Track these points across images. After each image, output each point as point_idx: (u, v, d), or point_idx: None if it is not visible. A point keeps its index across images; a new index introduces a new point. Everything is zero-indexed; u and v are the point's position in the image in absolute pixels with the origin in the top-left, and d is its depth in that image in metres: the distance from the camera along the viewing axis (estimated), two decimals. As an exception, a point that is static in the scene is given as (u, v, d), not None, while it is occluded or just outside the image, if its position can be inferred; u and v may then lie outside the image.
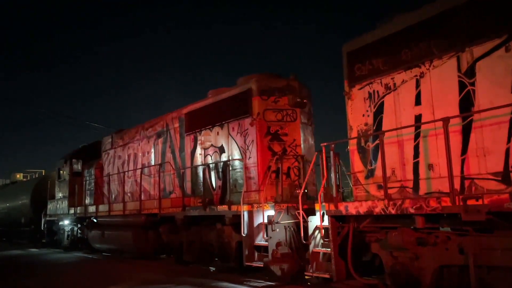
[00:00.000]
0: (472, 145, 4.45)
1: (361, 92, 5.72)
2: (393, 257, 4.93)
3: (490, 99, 4.32)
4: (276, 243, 6.73)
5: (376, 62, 5.53)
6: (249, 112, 7.78)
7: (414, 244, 4.65)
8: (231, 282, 7.03)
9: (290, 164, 7.63)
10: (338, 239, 5.65)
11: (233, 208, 7.37)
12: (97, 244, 12.12)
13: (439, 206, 4.27)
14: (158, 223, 9.51)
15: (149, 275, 8.02)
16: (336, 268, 5.48)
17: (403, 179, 5.10)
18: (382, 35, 5.47)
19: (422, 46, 4.96)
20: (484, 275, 4.13)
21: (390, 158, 5.23)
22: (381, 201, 4.88)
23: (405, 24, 5.18)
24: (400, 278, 4.86)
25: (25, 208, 17.70)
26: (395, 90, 5.29)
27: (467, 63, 4.55)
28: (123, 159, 11.83)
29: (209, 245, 8.20)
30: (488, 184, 4.27)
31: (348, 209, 5.30)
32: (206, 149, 8.85)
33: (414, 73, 5.07)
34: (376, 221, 5.25)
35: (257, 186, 7.51)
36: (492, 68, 4.34)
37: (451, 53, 4.70)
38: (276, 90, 7.80)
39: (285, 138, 7.73)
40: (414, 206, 4.51)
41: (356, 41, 5.83)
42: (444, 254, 4.44)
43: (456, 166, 4.53)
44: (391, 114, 5.32)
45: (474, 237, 4.19)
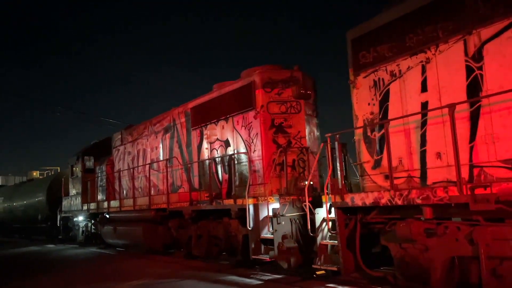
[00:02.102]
0: (481, 131, 4.27)
1: (366, 80, 5.56)
2: (402, 248, 4.81)
3: (499, 83, 4.13)
4: (281, 236, 6.67)
5: (381, 48, 5.36)
6: (253, 105, 7.70)
7: (422, 235, 4.52)
8: (238, 275, 7.04)
9: (295, 156, 7.53)
10: (346, 231, 5.56)
11: (239, 201, 7.33)
12: (109, 239, 12.31)
13: (447, 196, 4.12)
14: (167, 217, 9.57)
15: (158, 270, 8.09)
16: (344, 261, 5.40)
17: (410, 168, 4.96)
18: (387, 20, 5.29)
19: (428, 30, 4.77)
20: (496, 265, 3.99)
21: (397, 147, 5.08)
22: (387, 191, 4.75)
23: (410, 8, 4.99)
24: (409, 270, 4.74)
25: (41, 205, 18.12)
26: (400, 77, 5.12)
27: (475, 46, 4.35)
28: (133, 155, 11.93)
29: (217, 239, 8.21)
30: (497, 172, 4.10)
31: (354, 200, 5.19)
32: (212, 143, 8.82)
33: (420, 59, 4.89)
34: (384, 212, 5.13)
35: (262, 179, 7.45)
36: (502, 50, 4.13)
37: (457, 37, 4.50)
38: (279, 82, 7.68)
39: (290, 130, 7.62)
40: (421, 196, 4.37)
41: (361, 27, 5.66)
42: (454, 245, 4.30)
43: (464, 154, 4.37)
44: (397, 102, 5.16)
45: (485, 227, 4.04)
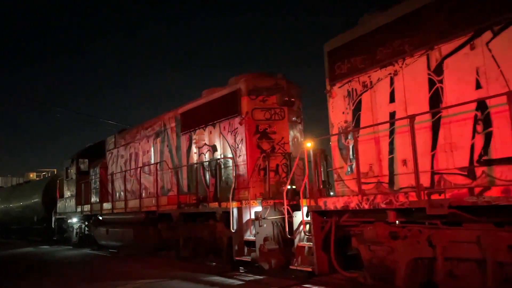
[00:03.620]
0: (441, 141, 4.55)
1: (341, 90, 5.85)
2: (371, 251, 5.07)
3: (456, 96, 4.42)
4: (263, 238, 6.94)
5: (354, 60, 5.65)
6: (238, 111, 7.99)
7: (388, 238, 4.80)
8: (222, 276, 7.30)
9: (279, 162, 7.82)
10: (321, 233, 5.82)
11: (223, 205, 7.61)
12: (102, 241, 12.57)
13: (407, 201, 4.40)
14: (157, 220, 9.84)
15: (147, 271, 8.35)
16: (318, 262, 5.66)
17: (380, 174, 5.23)
18: (360, 34, 5.59)
19: (395, 44, 5.07)
20: (452, 267, 4.26)
21: (368, 154, 5.36)
22: (355, 196, 5.03)
23: (380, 23, 5.28)
24: (377, 271, 5.01)
25: (38, 206, 18.37)
26: (371, 88, 5.41)
27: (436, 61, 4.65)
28: (125, 158, 12.20)
29: (204, 241, 8.47)
30: (455, 178, 4.38)
31: (327, 204, 5.47)
32: (201, 148, 9.10)
33: (389, 71, 5.18)
34: (357, 215, 5.40)
35: (247, 183, 7.73)
36: (459, 66, 4.42)
37: (421, 51, 4.79)
38: (264, 89, 7.97)
39: (274, 136, 7.91)
40: (385, 201, 4.64)
41: (336, 39, 5.95)
42: (416, 247, 4.57)
43: (426, 161, 4.65)
44: (368, 111, 5.45)
45: (443, 230, 4.31)
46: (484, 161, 4.14)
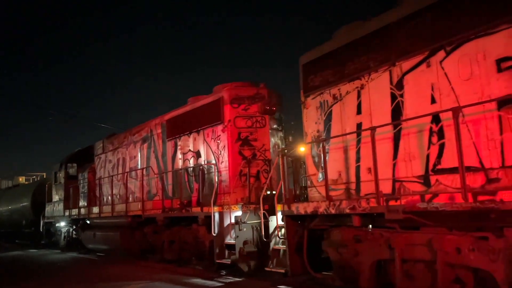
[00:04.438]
0: (401, 150, 4.91)
1: (314, 101, 6.20)
2: (338, 253, 5.40)
3: (415, 110, 4.78)
4: (243, 242, 7.23)
5: (326, 73, 6.01)
6: (221, 119, 8.30)
7: (352, 241, 5.12)
8: (203, 278, 7.57)
9: (260, 168, 8.13)
10: (295, 237, 6.14)
11: (205, 209, 7.89)
12: (90, 245, 12.73)
13: (368, 206, 4.74)
14: (143, 224, 10.07)
15: (132, 273, 8.57)
16: (291, 264, 5.97)
17: (348, 181, 5.57)
18: (331, 49, 5.95)
19: (362, 60, 5.43)
20: (409, 267, 4.59)
21: (337, 162, 5.71)
22: (324, 202, 5.35)
23: (349, 39, 5.65)
24: (344, 272, 5.33)
25: (26, 210, 18.43)
26: (341, 100, 5.77)
27: (397, 76, 5.02)
28: (113, 163, 12.42)
29: (187, 244, 8.73)
30: (413, 186, 4.73)
31: (298, 209, 5.79)
32: (185, 154, 9.39)
33: (356, 85, 5.55)
34: (327, 220, 5.72)
35: (229, 188, 8.02)
36: (417, 81, 4.80)
37: (385, 67, 5.16)
38: (246, 98, 8.30)
39: (255, 144, 8.23)
40: (349, 206, 4.98)
41: (310, 53, 6.31)
42: (378, 250, 4.90)
43: (388, 169, 5.00)
44: (338, 122, 5.80)
45: (400, 233, 4.65)
46: (438, 170, 4.50)
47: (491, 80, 4.11)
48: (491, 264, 3.87)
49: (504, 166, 3.96)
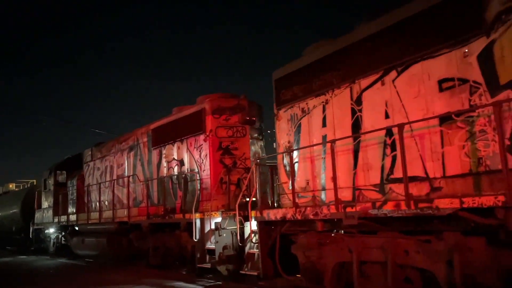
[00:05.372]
0: (360, 161, 5.35)
1: (286, 114, 6.64)
2: (305, 256, 5.80)
3: (372, 124, 5.23)
4: (222, 247, 7.60)
5: (295, 89, 6.45)
6: (203, 129, 8.70)
7: (317, 245, 5.53)
8: (185, 282, 7.92)
9: (241, 176, 8.52)
10: (268, 241, 6.53)
11: (187, 216, 8.25)
12: (78, 251, 12.99)
13: (329, 213, 5.16)
14: (129, 230, 10.39)
15: (118, 278, 8.89)
16: (263, 267, 6.36)
17: (315, 189, 6.00)
18: (300, 66, 6.40)
19: (326, 77, 5.89)
20: (365, 268, 5.01)
21: (305, 171, 6.13)
22: (291, 208, 5.77)
23: (315, 58, 6.11)
24: (310, 274, 5.72)
25: (16, 217, 18.58)
26: (308, 113, 6.21)
27: (357, 93, 5.47)
28: (101, 171, 12.74)
29: (171, 250, 9.08)
30: (370, 194, 5.17)
31: (269, 215, 6.19)
32: (170, 162, 9.76)
33: (322, 100, 5.99)
34: (296, 225, 6.12)
35: (210, 196, 8.40)
36: (373, 98, 5.25)
37: (346, 84, 5.62)
38: (227, 109, 8.72)
39: (236, 152, 8.63)
40: (312, 212, 5.40)
41: (282, 69, 6.76)
42: (340, 253, 5.31)
43: (349, 178, 5.44)
44: (305, 134, 6.23)
45: (358, 237, 5.07)
46: (391, 179, 4.94)
47: (434, 99, 4.58)
48: (433, 265, 4.30)
49: (445, 176, 4.41)
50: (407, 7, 4.91)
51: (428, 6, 4.65)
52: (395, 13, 5.07)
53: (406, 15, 4.90)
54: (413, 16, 4.81)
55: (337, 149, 5.59)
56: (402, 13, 4.95)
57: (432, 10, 4.61)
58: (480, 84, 4.17)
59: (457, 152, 4.31)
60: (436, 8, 4.57)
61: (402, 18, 4.93)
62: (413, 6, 4.84)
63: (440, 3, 4.53)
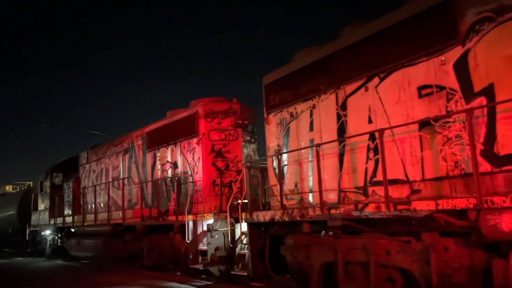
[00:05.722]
0: (345, 164, 5.52)
1: (275, 118, 6.81)
2: (293, 257, 5.97)
3: (356, 128, 5.41)
4: (214, 248, 7.76)
5: (284, 93, 6.63)
6: (196, 132, 8.87)
7: (304, 246, 5.70)
8: (178, 282, 8.07)
9: (233, 178, 8.69)
10: (258, 242, 6.68)
11: (180, 218, 8.41)
12: (74, 252, 13.11)
13: (314, 215, 5.33)
14: (124, 232, 10.53)
15: (113, 279, 9.04)
16: (253, 267, 6.52)
17: (303, 191, 6.16)
18: (289, 72, 6.57)
19: (313, 83, 6.07)
20: (350, 268, 5.18)
21: (294, 174, 6.30)
22: (279, 210, 5.94)
23: (302, 64, 6.29)
24: (298, 274, 5.90)
25: (12, 219, 18.67)
26: (296, 118, 6.38)
27: (342, 98, 5.65)
28: (97, 173, 12.88)
29: (165, 251, 9.23)
30: (355, 196, 5.34)
31: (258, 217, 6.36)
32: (164, 165, 9.91)
33: (309, 105, 6.17)
34: (284, 226, 6.28)
35: (203, 198, 8.56)
36: (357, 103, 5.43)
37: (332, 90, 5.79)
38: (219, 113, 8.89)
39: (228, 155, 8.80)
40: (299, 214, 5.57)
41: (271, 75, 6.93)
42: (326, 253, 5.48)
43: (335, 181, 5.61)
44: (294, 137, 6.41)
45: (342, 238, 5.24)
46: (374, 182, 5.12)
47: (414, 105, 4.76)
48: (412, 264, 4.47)
49: (424, 179, 4.59)
50: (388, 17, 5.10)
51: (407, 16, 4.84)
52: (377, 22, 5.26)
53: (387, 24, 5.08)
54: (394, 25, 4.99)
55: (324, 152, 5.77)
56: (384, 22, 5.14)
57: (411, 20, 4.79)
58: (456, 91, 4.36)
59: (435, 156, 4.49)
60: (415, 17, 4.75)
61: (384, 27, 5.11)
62: (394, 15, 5.02)
63: (419, 13, 4.72)
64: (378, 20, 5.28)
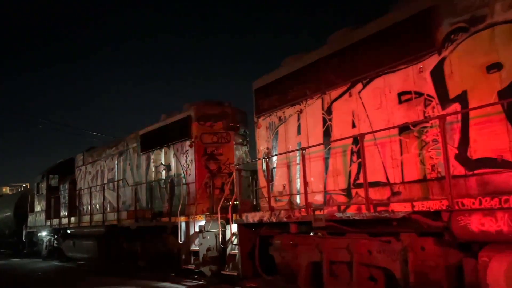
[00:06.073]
0: (330, 167, 5.71)
1: (264, 122, 6.99)
2: (281, 256, 6.14)
3: (340, 132, 5.60)
4: (206, 248, 7.92)
5: (273, 98, 6.81)
6: (189, 135, 9.03)
7: (291, 246, 5.88)
8: (171, 282, 8.25)
9: (225, 180, 8.86)
10: (249, 243, 6.86)
11: (173, 219, 8.57)
12: (70, 253, 13.24)
13: (300, 216, 5.51)
14: (119, 233, 10.68)
15: (108, 279, 9.21)
16: (243, 267, 6.69)
17: (291, 193, 6.35)
18: (277, 77, 6.76)
19: (300, 88, 6.26)
20: (334, 268, 5.35)
21: (282, 177, 6.48)
22: (267, 212, 6.11)
23: (290, 70, 6.48)
24: (286, 273, 6.07)
25: (9, 220, 18.76)
26: (285, 121, 6.57)
27: (327, 103, 5.84)
28: (92, 175, 13.02)
29: (158, 252, 9.38)
30: (339, 197, 5.53)
31: (248, 218, 6.53)
32: (158, 167, 10.07)
33: (297, 109, 6.35)
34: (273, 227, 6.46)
35: (196, 199, 8.73)
36: (341, 108, 5.62)
37: (318, 95, 5.98)
38: (212, 116, 9.06)
39: (220, 158, 8.97)
40: (285, 216, 5.75)
41: (261, 80, 7.12)
42: (311, 253, 5.66)
43: (321, 184, 5.79)
44: (283, 141, 6.59)
45: (327, 239, 5.42)
46: (357, 184, 5.31)
47: (394, 110, 4.95)
48: (392, 264, 4.65)
49: (403, 182, 4.78)
50: (371, 25, 5.30)
51: (388, 24, 5.04)
52: (360, 30, 5.46)
53: (369, 32, 5.28)
54: (376, 33, 5.18)
55: (311, 155, 5.96)
56: (367, 30, 5.34)
57: (392, 29, 4.99)
58: (433, 98, 4.55)
59: (413, 159, 4.68)
60: (396, 26, 4.95)
61: (366, 35, 5.31)
62: (376, 24, 5.22)
63: (399, 22, 4.91)
64: (361, 28, 5.48)
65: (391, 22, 5.00)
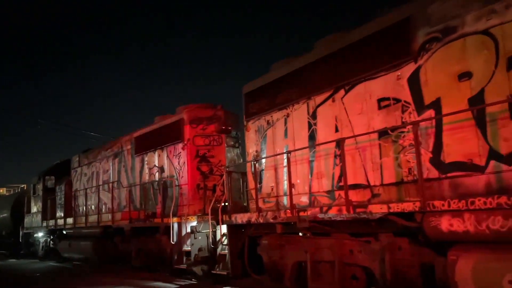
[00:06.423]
0: (315, 170, 5.91)
1: (254, 125, 7.19)
2: (269, 256, 6.34)
3: (324, 136, 5.80)
4: (198, 249, 8.12)
5: (262, 102, 7.01)
6: (181, 138, 9.22)
7: (278, 246, 6.08)
8: (163, 282, 8.42)
9: (216, 182, 9.05)
10: (238, 243, 7.05)
11: (166, 220, 8.76)
12: (65, 254, 13.41)
13: (285, 217, 5.71)
14: (114, 233, 10.86)
15: (102, 279, 9.37)
16: (232, 267, 6.88)
17: (278, 195, 6.55)
18: (266, 81, 6.95)
19: (287, 92, 6.46)
20: (318, 267, 5.55)
21: (270, 179, 6.68)
22: (254, 213, 6.31)
23: (278, 75, 6.67)
24: (273, 272, 6.27)
25: (6, 221, 18.91)
26: (273, 125, 6.77)
27: (312, 108, 6.04)
28: (88, 176, 13.19)
29: (152, 252, 9.57)
30: (323, 199, 5.73)
31: (237, 219, 6.73)
32: (151, 169, 10.26)
33: (284, 113, 6.55)
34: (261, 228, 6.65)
35: (188, 201, 8.92)
36: (325, 113, 5.82)
37: (303, 100, 6.18)
38: (204, 119, 9.26)
39: (212, 160, 9.16)
40: (272, 216, 5.94)
41: (251, 84, 7.31)
42: (297, 253, 5.86)
43: (307, 185, 5.99)
44: (271, 144, 6.79)
45: (311, 239, 5.62)
46: (340, 186, 5.51)
47: (374, 115, 5.16)
48: (372, 263, 4.86)
49: (383, 184, 4.99)
50: (354, 32, 5.50)
51: (369, 33, 5.24)
52: (344, 37, 5.66)
53: (352, 40, 5.48)
54: (358, 41, 5.39)
55: (297, 158, 6.16)
56: (350, 38, 5.54)
57: (372, 37, 5.19)
58: (409, 104, 4.76)
59: (392, 163, 4.89)
60: (376, 35, 5.15)
61: (349, 42, 5.51)
62: (358, 32, 5.43)
63: (379, 31, 5.12)
64: (345, 35, 5.68)
65: (372, 31, 5.20)
